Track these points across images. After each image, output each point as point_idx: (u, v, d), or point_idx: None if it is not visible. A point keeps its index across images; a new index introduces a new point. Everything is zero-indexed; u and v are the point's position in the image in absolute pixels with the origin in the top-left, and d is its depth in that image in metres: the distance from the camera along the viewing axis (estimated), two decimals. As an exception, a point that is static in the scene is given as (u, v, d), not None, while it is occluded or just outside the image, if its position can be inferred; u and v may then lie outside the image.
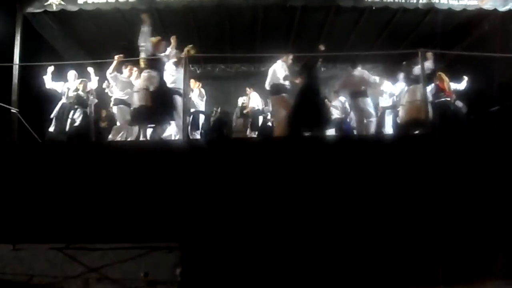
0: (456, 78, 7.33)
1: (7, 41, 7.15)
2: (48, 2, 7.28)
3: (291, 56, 6.93)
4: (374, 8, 7.74)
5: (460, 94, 7.33)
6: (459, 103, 7.40)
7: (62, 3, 7.30)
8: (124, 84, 6.89)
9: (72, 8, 7.32)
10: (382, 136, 6.95)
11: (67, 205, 4.28)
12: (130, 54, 7.83)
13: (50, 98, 7.18)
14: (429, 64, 6.28)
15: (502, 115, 7.18)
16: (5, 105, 6.64)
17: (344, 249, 4.05)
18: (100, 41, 8.81)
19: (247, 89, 8.99)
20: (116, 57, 6.53)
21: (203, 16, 8.15)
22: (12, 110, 6.75)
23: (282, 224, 4.14)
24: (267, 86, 6.94)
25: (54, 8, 7.30)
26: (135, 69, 7.01)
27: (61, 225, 4.24)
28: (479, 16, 8.00)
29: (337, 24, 8.55)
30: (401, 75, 7.57)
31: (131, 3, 7.38)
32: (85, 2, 7.31)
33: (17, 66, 7.08)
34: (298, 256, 4.02)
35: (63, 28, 8.36)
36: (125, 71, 7.11)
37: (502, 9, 7.62)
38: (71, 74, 7.12)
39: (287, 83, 6.75)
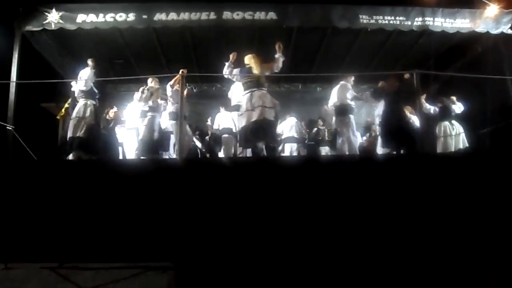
0: (450, 99, 7.43)
1: (5, 59, 7.20)
2: (47, 21, 7.33)
3: (352, 77, 7.04)
4: (369, 29, 7.86)
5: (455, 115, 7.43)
6: (455, 123, 7.48)
7: (61, 21, 7.36)
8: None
9: (71, 26, 7.38)
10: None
11: (60, 224, 4.25)
12: (127, 72, 7.92)
13: (46, 116, 7.20)
14: None
15: (494, 136, 7.25)
16: (1, 123, 6.64)
17: (341, 268, 4.04)
18: (98, 59, 8.85)
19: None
20: (181, 71, 6.43)
21: (200, 35, 8.25)
22: (7, 127, 6.75)
23: (278, 245, 4.12)
24: (330, 106, 7.02)
25: (53, 27, 7.35)
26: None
27: (54, 244, 4.20)
28: (472, 38, 8.16)
29: (333, 45, 8.68)
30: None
31: (129, 22, 7.45)
32: (84, 21, 7.39)
33: (14, 83, 7.11)
34: (294, 276, 4.00)
35: (61, 46, 8.44)
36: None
37: (494, 32, 7.76)
38: None
39: (353, 103, 6.83)
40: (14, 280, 4.26)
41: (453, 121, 7.35)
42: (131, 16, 7.43)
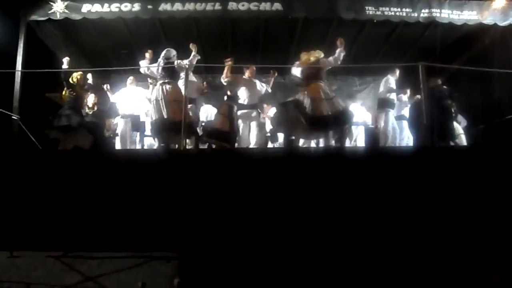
0: (457, 91, 7.37)
1: (10, 48, 7.20)
2: (52, 11, 7.33)
3: (398, 71, 7.15)
4: (375, 21, 7.79)
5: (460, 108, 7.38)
6: (460, 117, 7.45)
7: (66, 11, 7.36)
8: None
9: (76, 16, 7.38)
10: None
11: (65, 213, 4.28)
12: (131, 62, 7.91)
13: (51, 106, 7.21)
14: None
15: (501, 129, 7.20)
16: (6, 112, 6.66)
17: (343, 261, 4.04)
18: (103, 49, 8.88)
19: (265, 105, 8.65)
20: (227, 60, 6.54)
21: (205, 26, 8.21)
22: (13, 117, 6.77)
23: (282, 235, 4.13)
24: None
25: (58, 17, 7.35)
26: None
27: (58, 233, 4.23)
28: (480, 30, 8.06)
29: (338, 36, 8.59)
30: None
31: (135, 12, 7.43)
32: (89, 11, 7.38)
33: (20, 72, 7.12)
34: (298, 266, 4.01)
35: (66, 36, 8.42)
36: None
37: (502, 24, 7.67)
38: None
39: (394, 97, 7.05)
40: (19, 268, 4.30)
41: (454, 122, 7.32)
42: (136, 6, 7.40)
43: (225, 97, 6.76)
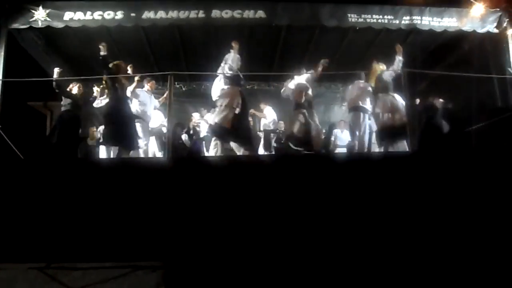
0: (437, 97, 7.51)
1: (-9, 56, 7.11)
2: (34, 18, 7.24)
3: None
4: (357, 28, 7.91)
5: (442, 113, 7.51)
6: (442, 121, 7.57)
7: (48, 19, 7.28)
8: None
9: (58, 24, 7.31)
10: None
11: (48, 224, 4.21)
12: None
13: (34, 114, 7.13)
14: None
15: (480, 134, 7.33)
16: (-13, 121, 6.57)
17: (329, 268, 4.05)
18: (85, 57, 8.81)
19: (261, 105, 8.80)
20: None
21: (189, 34, 8.23)
22: (-6, 126, 6.68)
23: (267, 243, 4.14)
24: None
25: (40, 25, 7.27)
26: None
27: (41, 244, 4.16)
28: (459, 37, 8.24)
29: (322, 44, 8.71)
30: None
31: (118, 20, 7.40)
32: (71, 19, 7.31)
33: (0, 81, 7.02)
34: (284, 274, 4.01)
35: (48, 44, 8.35)
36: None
37: (481, 31, 7.85)
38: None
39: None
40: (1, 280, 4.22)
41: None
42: (119, 14, 7.37)
43: (296, 106, 6.91)
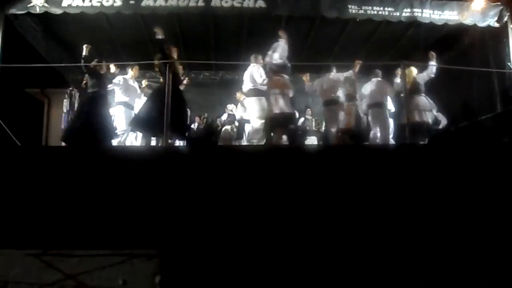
0: (437, 90, 7.50)
1: (-12, 43, 7.06)
2: (31, 4, 7.16)
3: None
4: (358, 19, 7.87)
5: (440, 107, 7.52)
6: (440, 115, 7.58)
7: (46, 5, 7.20)
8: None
9: (56, 10, 7.24)
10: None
11: (44, 211, 4.21)
12: (114, 58, 7.83)
13: (31, 101, 7.10)
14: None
15: (480, 128, 7.35)
16: (-16, 108, 6.55)
17: (327, 258, 4.07)
18: (83, 44, 8.74)
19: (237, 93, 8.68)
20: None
21: (188, 22, 8.17)
22: (-9, 113, 6.65)
23: (264, 232, 4.15)
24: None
25: (38, 11, 7.19)
26: None
27: (37, 231, 4.17)
28: (460, 30, 8.21)
29: (322, 35, 8.67)
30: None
31: (116, 8, 7.33)
32: (70, 5, 7.24)
33: (-2, 68, 6.99)
34: (280, 264, 4.03)
35: (46, 31, 8.29)
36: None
37: (481, 24, 7.82)
38: None
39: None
40: (-3, 266, 4.23)
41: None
42: (118, 1, 7.29)
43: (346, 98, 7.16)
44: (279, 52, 6.47)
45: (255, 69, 6.72)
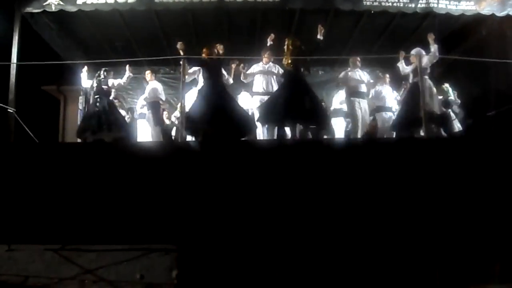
0: (454, 82, 7.39)
1: (5, 40, 7.16)
2: (47, 2, 7.24)
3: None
4: (372, 11, 7.75)
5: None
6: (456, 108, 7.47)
7: (61, 3, 7.27)
8: None
9: (71, 8, 7.29)
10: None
11: (63, 206, 4.27)
12: (128, 55, 7.86)
13: (47, 98, 7.19)
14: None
15: (498, 120, 7.22)
16: (2, 105, 6.63)
17: (342, 252, 4.05)
18: (98, 41, 8.82)
19: None
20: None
21: (201, 18, 8.16)
22: (9, 110, 6.74)
23: (280, 228, 4.14)
24: None
25: (53, 9, 7.27)
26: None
27: (56, 226, 4.23)
28: (477, 21, 8.04)
29: (336, 28, 8.56)
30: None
31: (130, 4, 7.35)
32: (84, 3, 7.29)
33: (15, 65, 7.07)
34: (296, 258, 4.02)
35: (61, 28, 8.35)
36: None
37: (500, 14, 7.65)
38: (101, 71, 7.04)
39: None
40: (17, 261, 4.31)
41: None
42: (132, -2, 7.34)
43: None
44: None
45: None
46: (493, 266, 3.85)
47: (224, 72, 6.42)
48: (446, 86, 7.51)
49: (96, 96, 6.65)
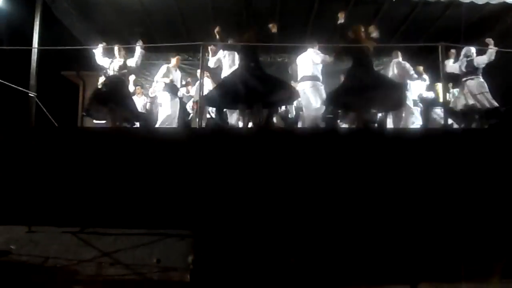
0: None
1: (26, 26, 7.23)
2: (68, -12, 7.31)
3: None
4: (394, 0, 7.61)
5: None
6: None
7: (82, -12, 7.33)
8: None
9: (91, -7, 7.35)
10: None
11: (82, 190, 4.32)
12: (147, 40, 7.88)
13: (68, 84, 7.26)
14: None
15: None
16: (23, 89, 6.72)
17: (355, 241, 4.03)
18: (118, 27, 8.84)
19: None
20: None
21: (221, 3, 8.11)
22: (30, 94, 6.83)
23: (296, 214, 4.13)
24: None
25: (73, -6, 7.33)
26: None
27: (75, 209, 4.29)
28: (503, 9, 7.82)
29: (356, 16, 8.39)
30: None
31: (150, -11, 7.37)
32: (104, -12, 7.34)
33: (36, 50, 7.14)
34: (311, 246, 4.02)
35: (81, 14, 8.40)
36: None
37: (527, 2, 7.43)
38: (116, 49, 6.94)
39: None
40: (37, 242, 4.41)
41: None
42: (151, -17, 7.34)
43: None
44: None
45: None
46: (495, 262, 3.79)
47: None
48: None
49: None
